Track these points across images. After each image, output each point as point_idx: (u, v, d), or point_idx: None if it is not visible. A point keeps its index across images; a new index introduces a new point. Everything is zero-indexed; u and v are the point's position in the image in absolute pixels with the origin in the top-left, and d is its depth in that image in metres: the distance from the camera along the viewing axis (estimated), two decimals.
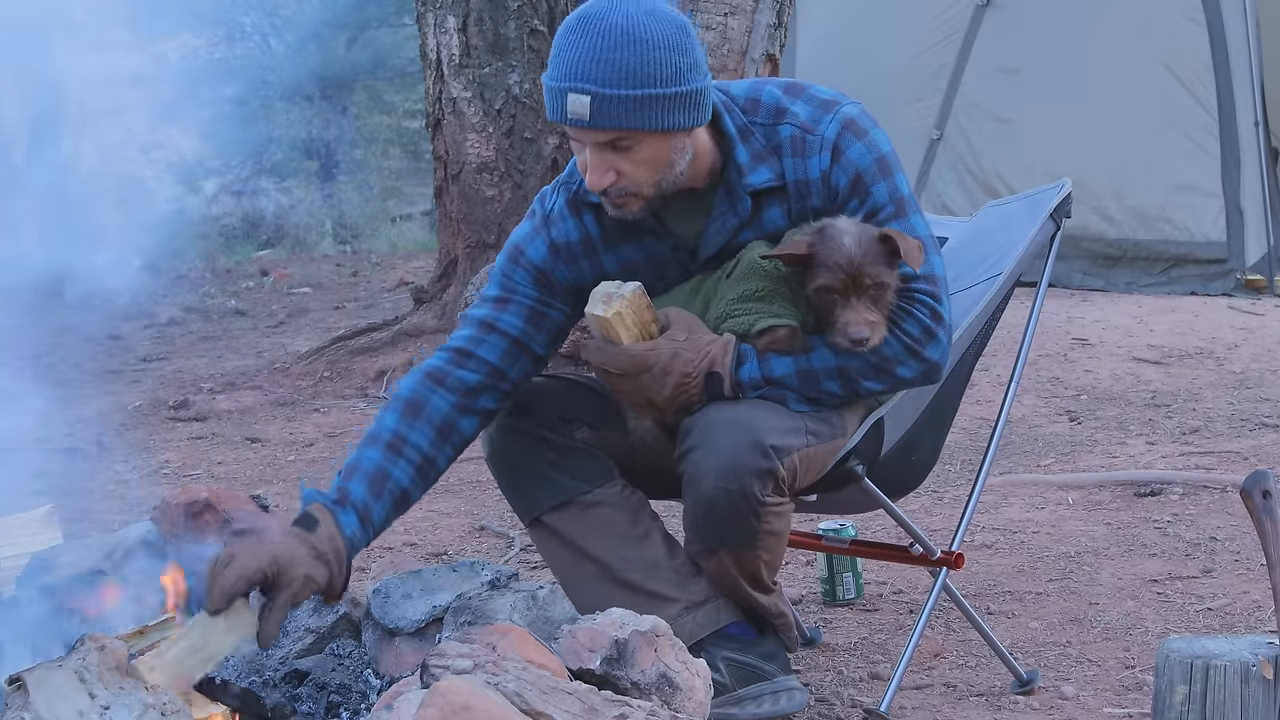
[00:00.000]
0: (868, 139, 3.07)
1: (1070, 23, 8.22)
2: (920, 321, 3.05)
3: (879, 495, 3.24)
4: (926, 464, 3.49)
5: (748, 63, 6.68)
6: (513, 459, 3.23)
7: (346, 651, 3.16)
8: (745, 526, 3.02)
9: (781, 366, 3.03)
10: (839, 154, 3.05)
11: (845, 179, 3.05)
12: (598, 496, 3.18)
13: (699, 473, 2.99)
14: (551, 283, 3.15)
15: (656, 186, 3.00)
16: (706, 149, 3.05)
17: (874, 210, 3.05)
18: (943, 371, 3.12)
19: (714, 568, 3.11)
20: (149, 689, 2.57)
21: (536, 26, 7.53)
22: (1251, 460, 5.20)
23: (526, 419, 3.21)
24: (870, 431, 3.18)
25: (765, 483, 2.98)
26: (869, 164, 3.06)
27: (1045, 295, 3.56)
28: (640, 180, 2.98)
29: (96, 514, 5.16)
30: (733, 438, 2.97)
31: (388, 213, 14.61)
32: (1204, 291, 7.83)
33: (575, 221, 3.15)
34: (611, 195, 3.00)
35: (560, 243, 3.15)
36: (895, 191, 3.07)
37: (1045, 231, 3.46)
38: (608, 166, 2.96)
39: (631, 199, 3.01)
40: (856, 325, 2.96)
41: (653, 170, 2.97)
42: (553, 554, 3.23)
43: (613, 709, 2.54)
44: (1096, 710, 3.33)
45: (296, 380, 7.17)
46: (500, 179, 7.50)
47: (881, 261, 2.97)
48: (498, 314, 3.15)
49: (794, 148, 3.07)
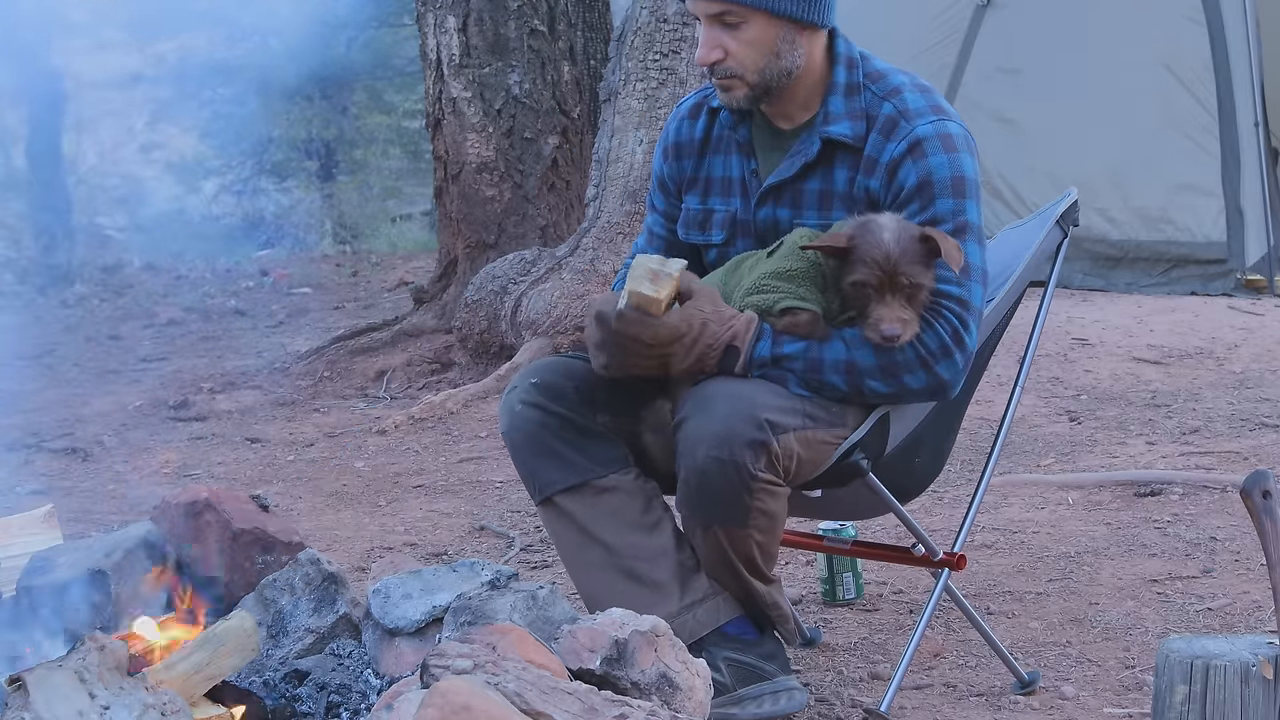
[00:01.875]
0: (955, 155, 3.12)
1: (1070, 23, 8.21)
2: (940, 337, 3.08)
3: (883, 492, 3.24)
4: (929, 469, 3.47)
5: None
6: (531, 435, 3.23)
7: (346, 651, 3.16)
8: (737, 500, 3.03)
9: (791, 347, 3.08)
10: (919, 153, 3.11)
11: (914, 179, 3.10)
12: (612, 482, 3.20)
13: (692, 442, 3.02)
14: (670, 189, 3.40)
15: (761, 74, 3.13)
16: (816, 72, 3.19)
17: (933, 220, 3.09)
18: (951, 392, 3.14)
19: (707, 547, 3.11)
20: (149, 689, 2.57)
21: (536, 26, 7.53)
22: (1251, 460, 5.20)
23: (550, 396, 3.22)
24: (876, 426, 3.18)
25: (758, 455, 2.99)
26: (944, 176, 3.10)
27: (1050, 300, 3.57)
28: (745, 62, 3.11)
29: (96, 514, 5.17)
30: (728, 408, 3.00)
31: (388, 213, 14.62)
32: (1204, 291, 7.82)
33: (690, 124, 3.36)
34: (718, 74, 3.14)
35: (672, 144, 3.38)
36: (960, 213, 3.10)
37: (1052, 239, 3.49)
38: (716, 42, 3.11)
39: (736, 82, 3.14)
40: (890, 322, 3.01)
41: (758, 53, 3.11)
42: (561, 535, 3.24)
43: (613, 709, 2.54)
44: (1096, 710, 3.33)
45: (296, 380, 7.17)
46: (500, 179, 7.50)
47: (919, 261, 3.01)
48: (655, 222, 3.43)
49: (885, 126, 3.15)
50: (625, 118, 6.76)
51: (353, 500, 5.36)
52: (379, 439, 6.14)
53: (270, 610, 3.25)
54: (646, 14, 6.74)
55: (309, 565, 3.28)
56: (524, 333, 6.64)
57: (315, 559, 3.28)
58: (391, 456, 5.90)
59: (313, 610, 3.27)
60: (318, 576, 3.26)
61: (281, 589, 3.27)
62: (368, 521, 5.09)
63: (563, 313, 6.55)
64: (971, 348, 3.12)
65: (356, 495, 5.42)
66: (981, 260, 3.14)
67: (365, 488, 5.51)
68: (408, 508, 5.23)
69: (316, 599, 3.24)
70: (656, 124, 6.67)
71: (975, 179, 3.15)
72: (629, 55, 6.77)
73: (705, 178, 3.33)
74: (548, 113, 7.53)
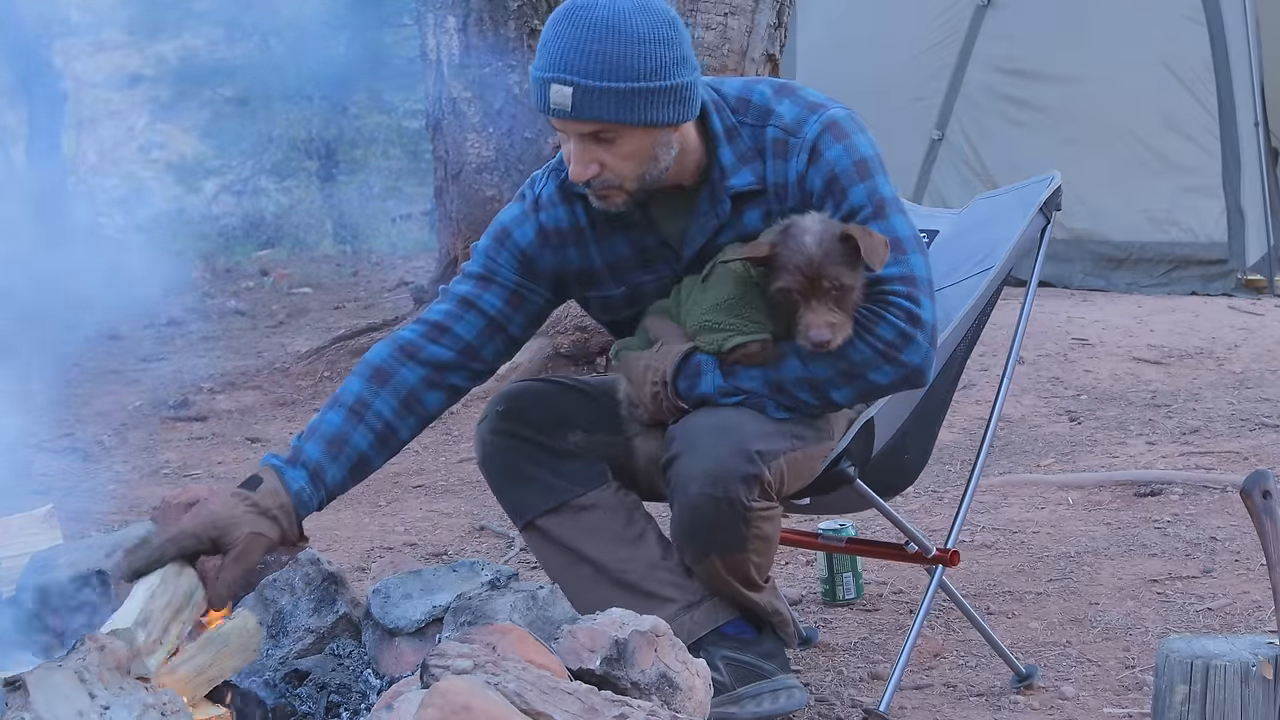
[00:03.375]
0: (848, 142, 3.03)
1: (1070, 23, 8.21)
2: (894, 325, 2.99)
3: (872, 496, 3.24)
4: (918, 463, 3.48)
5: (748, 63, 6.68)
6: (505, 463, 3.23)
7: (346, 651, 3.15)
8: (733, 532, 3.02)
9: (749, 380, 3.01)
10: (816, 156, 3.02)
11: (820, 181, 3.02)
12: (591, 499, 3.18)
13: (685, 480, 2.98)
14: (535, 268, 3.15)
15: (640, 180, 2.99)
16: (694, 145, 3.04)
17: (851, 212, 3.01)
18: (927, 375, 3.05)
19: (705, 572, 3.11)
20: (149, 689, 2.57)
21: (536, 27, 7.52)
22: (1251, 460, 5.20)
23: (519, 423, 3.21)
24: (861, 433, 3.16)
25: (751, 488, 2.97)
26: (847, 166, 3.02)
27: (1045, 294, 3.57)
28: (623, 173, 2.97)
29: (96, 514, 5.16)
30: (717, 444, 2.96)
31: (388, 213, 14.61)
32: (1204, 291, 7.82)
33: (566, 209, 3.13)
34: (595, 187, 2.99)
35: (550, 229, 3.14)
36: (874, 192, 3.03)
37: (1035, 225, 3.44)
38: (591, 158, 2.95)
39: (615, 191, 2.99)
40: (817, 327, 2.92)
41: (636, 164, 2.96)
42: (548, 558, 3.24)
43: (613, 709, 2.54)
44: (1096, 710, 3.33)
45: (296, 380, 7.17)
46: (500, 179, 7.50)
47: (842, 262, 2.92)
48: (479, 292, 3.16)
49: (776, 150, 3.05)
50: None
51: (353, 500, 5.36)
52: None
53: (270, 610, 3.25)
54: None
55: (309, 565, 3.27)
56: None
57: (315, 559, 3.28)
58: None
59: (313, 610, 3.26)
60: (318, 576, 3.26)
61: (281, 589, 3.27)
62: (368, 521, 5.09)
63: (562, 312, 6.56)
64: (930, 321, 3.01)
65: (356, 495, 5.42)
66: (911, 229, 3.05)
67: (365, 488, 5.50)
68: (408, 508, 5.23)
69: (316, 599, 3.24)
70: None
71: (875, 154, 3.05)
72: None
73: (610, 263, 3.14)
74: None
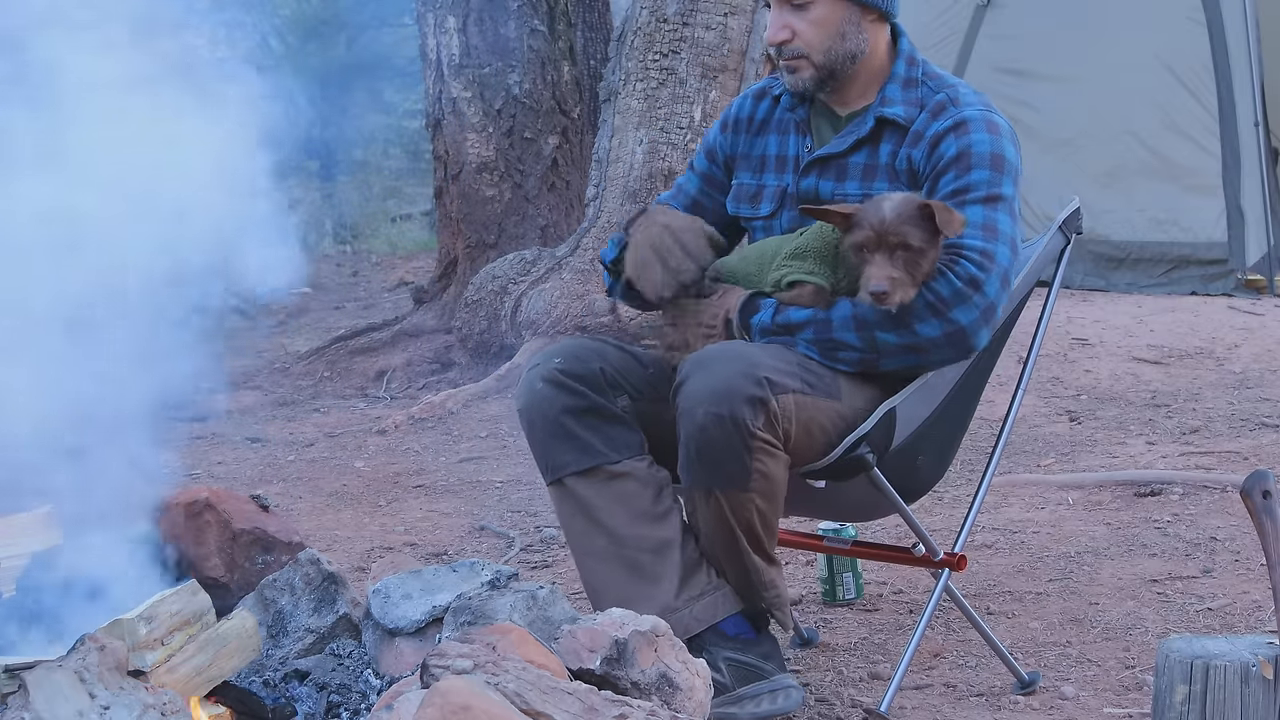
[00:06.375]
0: (997, 139, 3.21)
1: (1070, 23, 8.21)
2: (952, 283, 3.10)
3: (887, 488, 3.23)
4: (933, 471, 3.46)
5: (747, 63, 6.69)
6: (548, 415, 3.25)
7: (346, 651, 3.16)
8: (737, 459, 3.04)
9: (799, 315, 3.18)
10: (963, 131, 3.21)
11: (954, 150, 3.19)
12: (626, 468, 3.22)
13: (692, 400, 3.05)
14: (715, 154, 3.53)
15: (826, 55, 3.28)
16: (878, 62, 3.34)
17: (966, 188, 3.16)
18: (974, 342, 3.14)
19: (709, 514, 3.11)
20: (149, 689, 2.57)
21: (536, 26, 7.53)
22: (1251, 460, 5.20)
23: (573, 377, 3.25)
24: (882, 421, 3.20)
25: (757, 412, 3.02)
26: (984, 151, 3.19)
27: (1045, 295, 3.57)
28: (811, 42, 3.27)
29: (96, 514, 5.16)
30: (727, 367, 3.06)
31: (388, 213, 14.61)
32: (1204, 292, 7.82)
33: (753, 103, 3.51)
34: (785, 54, 3.30)
35: (731, 119, 3.52)
36: (995, 184, 3.17)
37: (1055, 244, 3.50)
38: (784, 23, 3.28)
39: (803, 62, 3.29)
40: (877, 279, 3.06)
41: (824, 34, 3.27)
42: (569, 518, 3.27)
43: (613, 709, 2.54)
44: (1096, 710, 3.33)
45: (296, 380, 7.18)
46: (500, 179, 7.50)
47: (914, 224, 3.05)
48: (685, 178, 3.60)
49: (935, 110, 3.27)
50: (625, 118, 6.76)
51: (353, 500, 5.36)
52: (379, 439, 6.14)
53: (270, 610, 3.25)
54: (646, 14, 6.73)
55: (309, 565, 3.28)
56: (524, 332, 6.64)
57: (315, 559, 3.28)
58: (391, 456, 5.90)
59: (313, 610, 3.27)
60: (318, 576, 3.26)
61: (281, 589, 3.27)
62: (368, 521, 5.09)
63: (563, 312, 6.55)
64: (991, 297, 3.12)
65: (356, 495, 5.42)
66: (1012, 229, 3.19)
67: (365, 488, 5.51)
68: (408, 508, 5.23)
69: (316, 599, 3.24)
70: (656, 124, 6.67)
71: (1016, 164, 3.23)
72: (629, 55, 6.77)
73: (760, 155, 3.45)
74: (548, 113, 7.53)
